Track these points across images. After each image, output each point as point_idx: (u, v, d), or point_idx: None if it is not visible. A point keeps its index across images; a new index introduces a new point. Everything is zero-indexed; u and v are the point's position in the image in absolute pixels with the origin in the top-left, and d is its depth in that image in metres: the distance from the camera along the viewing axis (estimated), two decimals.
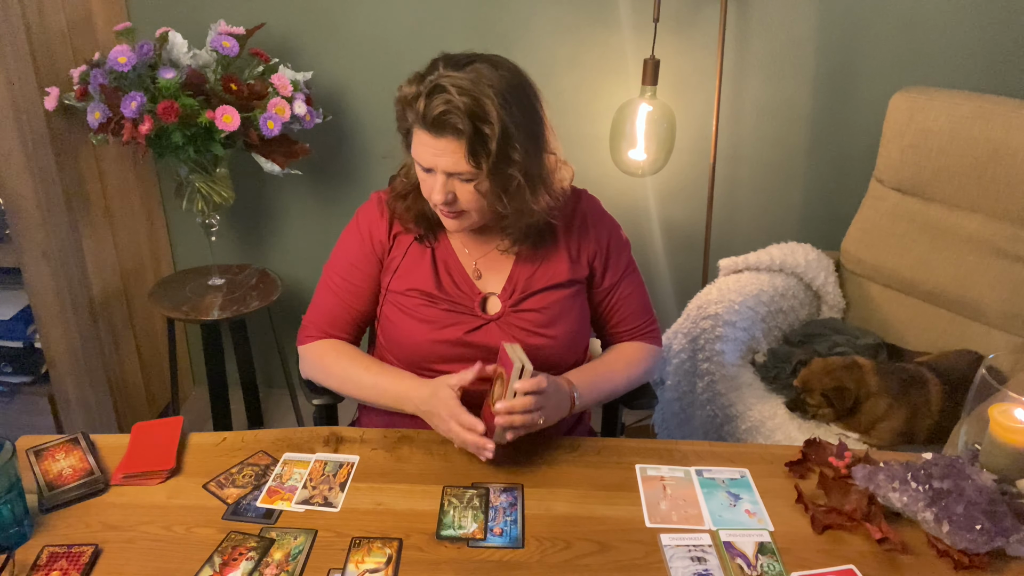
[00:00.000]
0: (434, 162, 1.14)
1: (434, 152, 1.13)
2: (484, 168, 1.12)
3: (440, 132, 1.11)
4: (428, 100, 1.10)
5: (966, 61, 2.00)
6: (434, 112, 1.09)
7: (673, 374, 1.93)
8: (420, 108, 1.11)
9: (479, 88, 1.09)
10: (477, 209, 1.19)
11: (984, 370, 1.09)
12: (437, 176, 1.15)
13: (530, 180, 1.18)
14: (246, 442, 1.22)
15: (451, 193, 1.17)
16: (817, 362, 1.70)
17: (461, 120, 1.09)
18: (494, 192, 1.17)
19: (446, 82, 1.09)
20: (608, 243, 1.35)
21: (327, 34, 2.13)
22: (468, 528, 1.06)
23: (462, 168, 1.13)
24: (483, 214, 1.22)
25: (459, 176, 1.15)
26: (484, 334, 1.28)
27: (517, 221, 1.24)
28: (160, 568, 0.98)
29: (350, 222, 1.36)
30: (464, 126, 1.09)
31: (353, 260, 1.33)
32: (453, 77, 1.10)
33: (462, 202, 1.18)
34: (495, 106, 1.09)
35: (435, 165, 1.14)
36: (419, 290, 1.29)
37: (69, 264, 1.95)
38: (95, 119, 1.75)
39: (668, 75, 2.04)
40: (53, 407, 2.10)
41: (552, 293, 1.30)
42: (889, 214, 1.96)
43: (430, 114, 1.10)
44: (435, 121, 1.10)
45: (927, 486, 1.03)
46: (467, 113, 1.08)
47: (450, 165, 1.13)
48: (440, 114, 1.09)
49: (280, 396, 2.60)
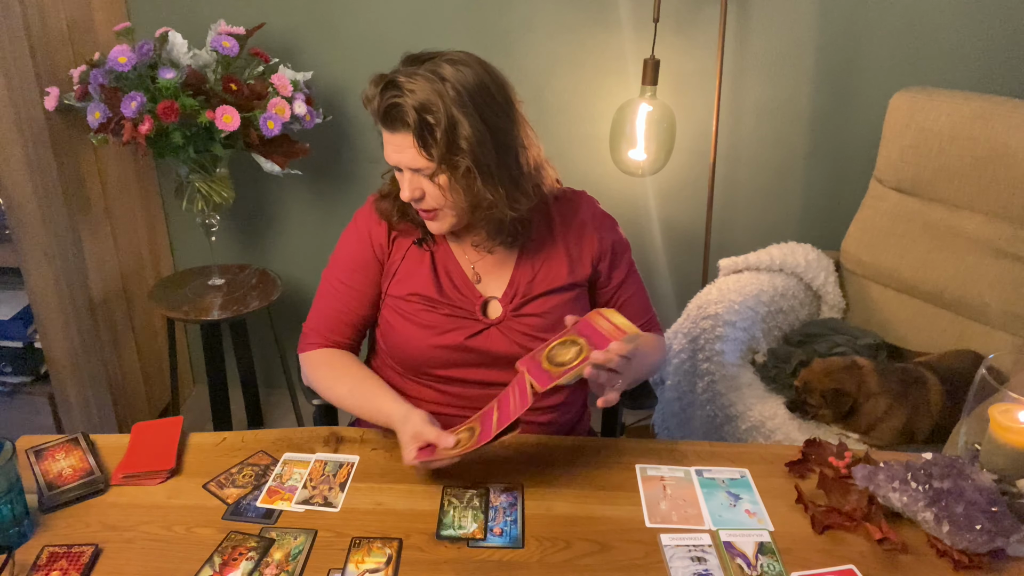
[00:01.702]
0: (396, 159, 1.17)
1: (393, 148, 1.16)
2: (434, 159, 1.13)
3: (393, 127, 1.14)
4: (381, 96, 1.13)
5: (966, 61, 2.00)
6: (384, 106, 1.13)
7: (673, 374, 1.93)
8: (374, 106, 1.15)
9: (430, 81, 1.11)
10: (448, 206, 1.19)
11: (984, 370, 1.09)
12: (404, 174, 1.18)
13: (484, 172, 1.16)
14: (246, 442, 1.22)
15: (419, 190, 1.18)
16: (817, 362, 1.70)
17: (408, 112, 1.11)
18: (454, 186, 1.16)
19: (398, 77, 1.12)
20: (612, 244, 1.35)
21: (327, 34, 2.13)
22: (468, 528, 1.06)
23: (419, 163, 1.14)
24: (458, 212, 1.21)
25: (420, 172, 1.16)
26: (485, 339, 1.27)
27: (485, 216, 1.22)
28: (160, 568, 0.98)
29: (348, 226, 1.35)
30: (411, 118, 1.11)
31: (354, 263, 1.32)
32: (406, 71, 1.13)
33: (429, 199, 1.19)
34: (440, 96, 1.10)
35: (398, 162, 1.17)
36: (419, 295, 1.28)
37: (69, 264, 1.95)
38: (95, 119, 1.75)
39: (668, 75, 2.04)
40: (53, 407, 2.11)
41: (553, 297, 1.29)
42: (889, 214, 1.96)
43: (381, 109, 1.13)
44: (386, 115, 1.13)
45: (927, 486, 1.03)
46: (414, 105, 1.10)
47: (409, 160, 1.15)
48: (389, 107, 1.12)
49: (280, 396, 2.60)
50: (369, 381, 1.28)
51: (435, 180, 1.16)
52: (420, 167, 1.15)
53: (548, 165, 1.29)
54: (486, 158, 1.15)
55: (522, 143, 1.21)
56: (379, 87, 1.14)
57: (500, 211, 1.21)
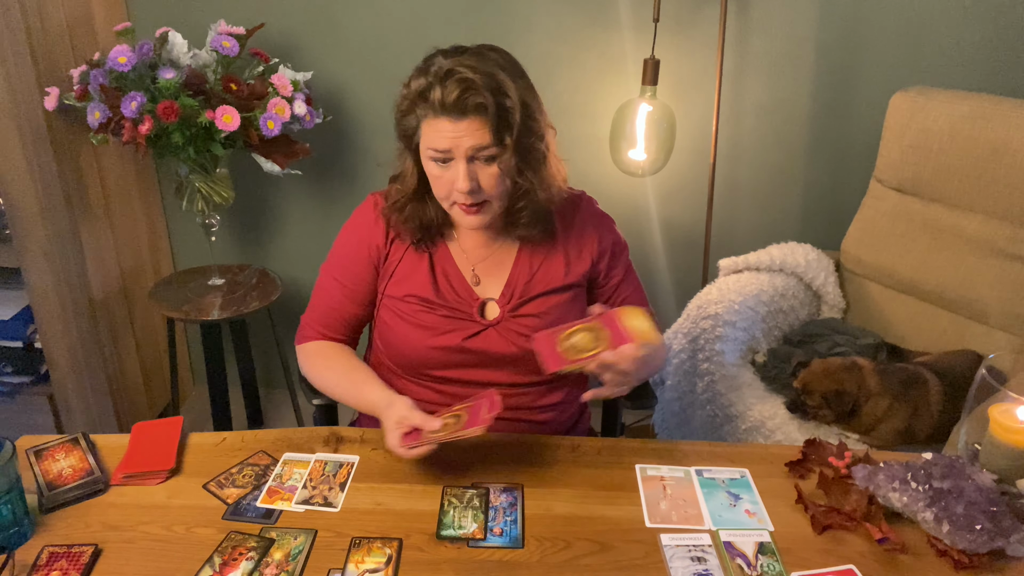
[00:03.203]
0: (455, 144, 1.12)
1: (455, 135, 1.12)
2: (509, 142, 1.13)
3: (461, 115, 1.11)
4: (444, 85, 1.10)
5: (966, 61, 2.00)
6: (453, 95, 1.09)
7: (673, 374, 1.93)
8: (437, 96, 1.10)
9: (488, 66, 1.11)
10: (499, 195, 1.18)
11: (984, 370, 1.09)
12: (458, 164, 1.14)
13: (546, 152, 1.21)
14: (246, 442, 1.22)
15: (475, 180, 1.15)
16: (817, 363, 1.69)
17: (483, 96, 1.09)
18: (518, 167, 1.17)
19: (456, 66, 1.10)
20: (611, 245, 1.35)
21: (327, 34, 2.12)
22: (468, 528, 1.06)
23: (488, 148, 1.13)
24: (502, 201, 1.21)
25: (480, 158, 1.14)
26: (482, 340, 1.27)
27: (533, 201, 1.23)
28: (160, 568, 0.98)
29: (346, 223, 1.35)
30: (488, 101, 1.10)
31: (347, 263, 1.32)
32: (461, 60, 1.11)
33: (485, 188, 1.16)
34: (509, 79, 1.12)
35: (456, 147, 1.13)
36: (417, 296, 1.28)
37: (69, 264, 1.95)
38: (95, 119, 1.75)
39: (668, 75, 2.04)
40: (53, 407, 2.10)
41: (551, 297, 1.29)
42: (889, 214, 1.96)
43: (449, 98, 1.09)
44: (456, 104, 1.10)
45: (927, 486, 1.03)
46: (487, 89, 1.10)
47: (474, 144, 1.12)
48: (461, 93, 1.09)
49: (280, 396, 2.60)
50: (357, 371, 1.29)
51: (500, 164, 1.15)
52: (484, 151, 1.13)
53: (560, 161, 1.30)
54: (542, 139, 1.19)
55: (550, 123, 1.24)
56: (434, 77, 1.11)
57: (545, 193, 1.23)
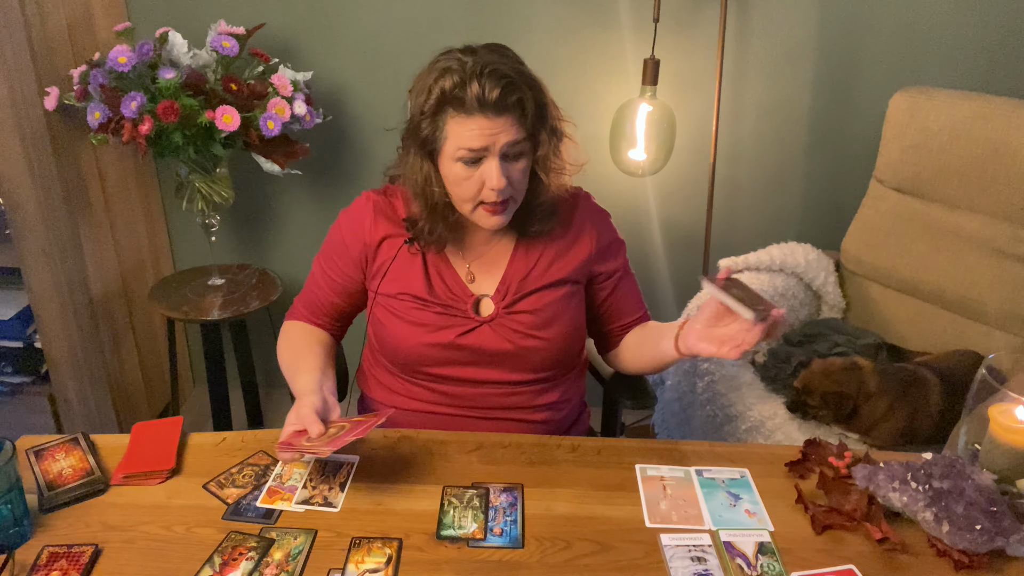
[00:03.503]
0: (492, 141, 1.12)
1: (491, 132, 1.11)
2: (545, 137, 1.16)
3: (500, 112, 1.11)
4: (481, 82, 1.09)
5: (966, 61, 2.00)
6: (494, 92, 1.09)
7: (673, 374, 1.93)
8: (474, 92, 1.09)
9: (514, 63, 1.14)
10: (523, 191, 1.20)
11: (984, 370, 1.09)
12: (491, 162, 1.13)
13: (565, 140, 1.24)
14: (246, 442, 1.22)
15: (507, 177, 1.15)
16: (817, 363, 1.69)
17: (523, 92, 1.11)
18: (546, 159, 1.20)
19: (487, 63, 1.10)
20: (609, 242, 1.35)
21: (327, 34, 2.13)
22: (468, 528, 1.06)
23: (519, 141, 1.14)
24: (522, 196, 1.22)
25: (512, 154, 1.15)
26: (477, 336, 1.27)
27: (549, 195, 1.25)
28: (160, 568, 0.98)
29: (340, 217, 1.35)
30: (527, 97, 1.12)
31: (334, 256, 1.34)
32: (486, 57, 1.11)
33: (514, 185, 1.17)
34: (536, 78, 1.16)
35: (493, 144, 1.12)
36: (410, 293, 1.28)
37: (69, 264, 1.95)
38: (95, 119, 1.75)
39: (668, 75, 2.04)
40: (53, 407, 2.10)
41: (546, 294, 1.29)
42: (889, 214, 1.96)
43: (490, 96, 1.09)
44: (497, 101, 1.09)
45: (927, 486, 1.03)
46: (526, 85, 1.12)
47: (509, 139, 1.13)
48: (502, 91, 1.09)
49: (280, 396, 2.60)
50: (304, 356, 1.29)
51: (531, 160, 1.17)
52: (520, 148, 1.14)
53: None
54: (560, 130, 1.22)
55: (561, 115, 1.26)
56: (470, 74, 1.09)
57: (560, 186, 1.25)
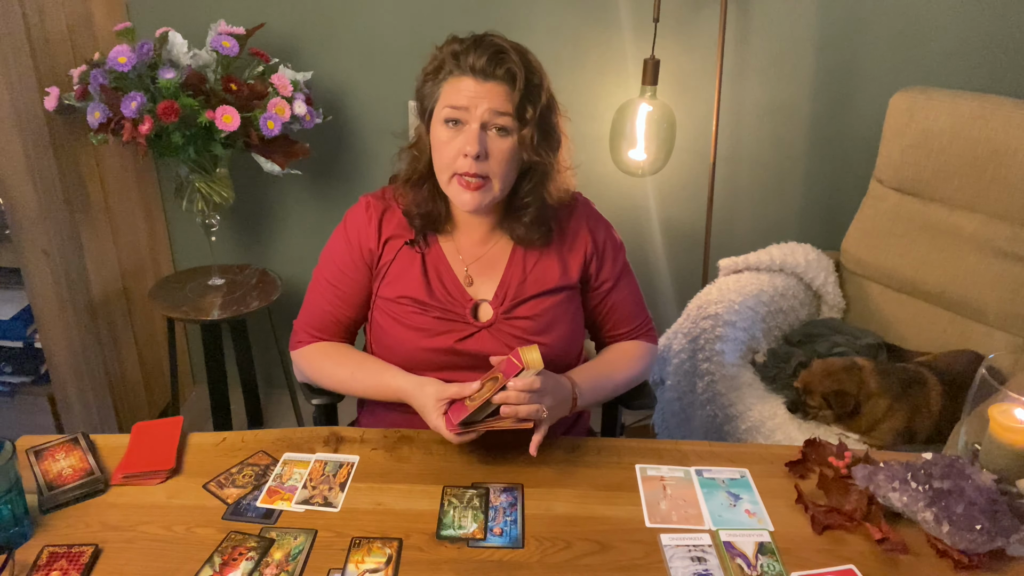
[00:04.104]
0: (474, 103, 1.14)
1: (475, 94, 1.14)
2: (531, 116, 1.15)
3: (487, 77, 1.14)
4: (476, 48, 1.14)
5: (966, 61, 2.00)
6: (485, 55, 1.13)
7: (673, 374, 1.93)
8: (469, 57, 1.14)
9: (519, 47, 1.16)
10: (502, 173, 1.19)
11: (984, 370, 1.09)
12: (470, 127, 1.15)
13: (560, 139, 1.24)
14: (246, 442, 1.22)
15: (483, 147, 1.16)
16: (817, 363, 1.70)
17: (513, 63, 1.13)
18: (522, 149, 1.18)
19: (489, 35, 1.16)
20: (604, 246, 1.34)
21: (327, 34, 2.13)
22: (468, 528, 1.06)
23: (504, 113, 1.14)
24: (503, 184, 1.20)
25: (493, 127, 1.16)
26: (475, 342, 1.26)
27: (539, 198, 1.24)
28: (160, 568, 0.98)
29: (339, 226, 1.34)
30: (518, 69, 1.13)
31: (341, 267, 1.32)
32: (492, 33, 1.16)
33: (492, 159, 1.17)
34: (537, 63, 1.17)
35: (474, 107, 1.14)
36: (410, 297, 1.27)
37: (69, 264, 1.95)
38: (95, 119, 1.75)
39: (668, 75, 2.04)
40: (53, 407, 2.10)
41: (544, 299, 1.29)
42: (889, 214, 1.96)
43: (479, 61, 1.13)
44: (486, 65, 1.13)
45: (927, 486, 1.03)
46: (520, 61, 1.14)
47: (492, 107, 1.14)
48: (492, 56, 1.13)
49: (280, 396, 2.60)
50: (370, 361, 1.30)
51: (516, 139, 1.17)
52: (504, 122, 1.15)
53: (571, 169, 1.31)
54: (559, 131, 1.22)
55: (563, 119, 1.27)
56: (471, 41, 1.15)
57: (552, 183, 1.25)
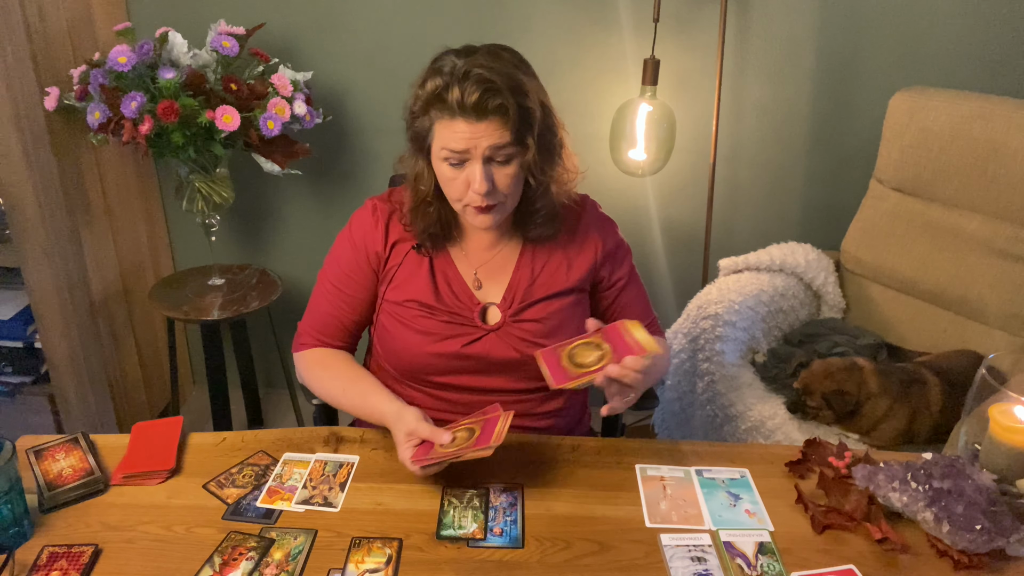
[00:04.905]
0: (473, 144, 1.11)
1: (473, 136, 1.10)
2: (530, 143, 1.13)
3: (481, 115, 1.09)
4: (462, 86, 1.08)
5: (966, 61, 2.00)
6: (473, 96, 1.07)
7: (673, 374, 1.93)
8: (455, 96, 1.08)
9: (506, 66, 1.10)
10: (513, 195, 1.18)
11: (984, 370, 1.09)
12: (474, 165, 1.13)
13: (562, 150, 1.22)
14: (246, 442, 1.22)
15: (490, 181, 1.14)
16: (817, 364, 1.69)
17: (506, 98, 1.08)
18: (538, 166, 1.17)
19: (474, 67, 1.08)
20: (614, 249, 1.34)
21: (327, 34, 2.13)
22: (468, 528, 1.06)
23: (503, 146, 1.11)
24: (515, 200, 1.20)
25: (496, 159, 1.13)
26: (483, 345, 1.26)
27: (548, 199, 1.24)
28: (160, 568, 0.98)
29: (344, 229, 1.33)
30: (509, 103, 1.08)
31: (346, 270, 1.31)
32: (476, 60, 1.09)
33: (500, 188, 1.15)
34: (525, 79, 1.12)
35: (474, 147, 1.11)
36: (417, 301, 1.26)
37: (69, 264, 1.95)
38: (95, 119, 1.75)
39: (668, 75, 2.04)
40: (53, 407, 2.10)
41: (553, 302, 1.29)
42: (889, 214, 1.96)
43: (469, 99, 1.07)
44: (476, 105, 1.08)
45: (927, 486, 1.03)
46: (508, 90, 1.09)
47: (492, 144, 1.11)
48: (482, 95, 1.07)
49: (280, 396, 2.60)
50: (363, 380, 1.28)
51: (521, 163, 1.14)
52: (504, 154, 1.12)
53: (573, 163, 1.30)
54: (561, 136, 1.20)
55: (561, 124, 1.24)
56: (453, 78, 1.09)
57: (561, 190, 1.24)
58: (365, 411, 1.24)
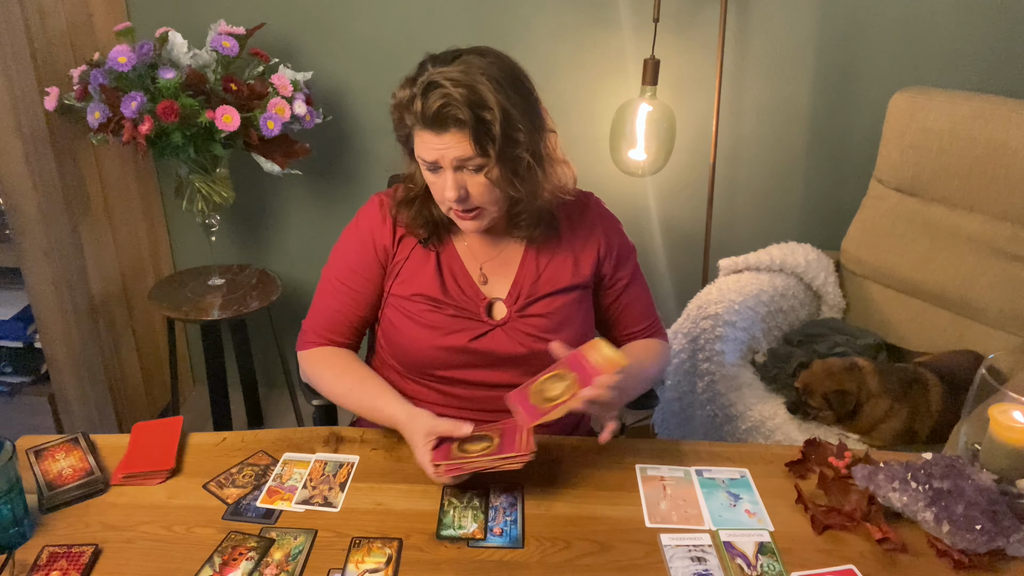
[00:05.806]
0: (441, 155, 1.12)
1: (439, 147, 1.12)
2: (492, 154, 1.11)
3: (442, 128, 1.10)
4: (424, 99, 1.09)
5: (966, 61, 2.00)
6: (432, 109, 1.08)
7: (673, 374, 1.93)
8: (418, 108, 1.10)
9: (472, 77, 1.09)
10: (491, 202, 1.18)
11: (984, 370, 1.09)
12: (446, 173, 1.14)
13: (538, 159, 1.19)
14: (246, 442, 1.22)
15: (463, 188, 1.15)
16: (817, 364, 1.69)
17: (461, 111, 1.08)
18: (505, 178, 1.15)
19: (438, 77, 1.09)
20: (619, 247, 1.35)
21: (327, 34, 2.13)
22: (468, 528, 1.06)
23: (472, 160, 1.12)
24: (499, 206, 1.20)
25: (468, 168, 1.13)
26: (489, 340, 1.26)
27: (530, 205, 1.23)
28: (160, 568, 0.99)
29: (350, 224, 1.33)
30: (465, 116, 1.08)
31: (353, 265, 1.31)
32: (444, 72, 1.09)
33: (474, 196, 1.16)
34: (491, 91, 1.09)
35: (441, 158, 1.12)
36: (424, 295, 1.27)
37: (69, 264, 1.95)
38: (95, 119, 1.75)
39: (668, 75, 2.04)
40: (53, 407, 2.11)
41: (558, 298, 1.29)
42: (889, 214, 1.96)
43: (429, 112, 1.09)
44: (435, 117, 1.09)
45: (927, 486, 1.03)
46: (466, 103, 1.08)
47: (458, 155, 1.11)
48: (439, 108, 1.08)
49: (280, 396, 2.60)
50: (370, 380, 1.27)
51: (487, 174, 1.14)
52: (469, 162, 1.12)
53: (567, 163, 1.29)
54: (534, 145, 1.17)
55: (550, 127, 1.23)
56: (418, 89, 1.10)
57: (541, 198, 1.23)
58: (373, 413, 1.24)
